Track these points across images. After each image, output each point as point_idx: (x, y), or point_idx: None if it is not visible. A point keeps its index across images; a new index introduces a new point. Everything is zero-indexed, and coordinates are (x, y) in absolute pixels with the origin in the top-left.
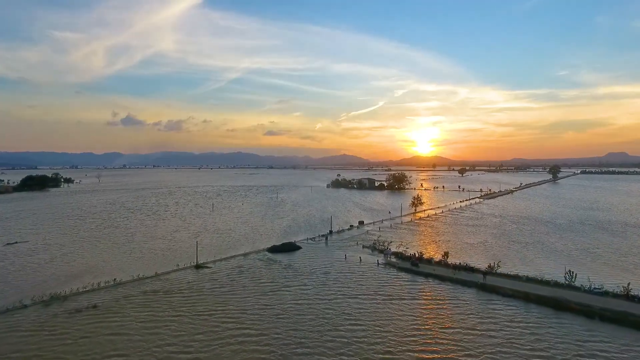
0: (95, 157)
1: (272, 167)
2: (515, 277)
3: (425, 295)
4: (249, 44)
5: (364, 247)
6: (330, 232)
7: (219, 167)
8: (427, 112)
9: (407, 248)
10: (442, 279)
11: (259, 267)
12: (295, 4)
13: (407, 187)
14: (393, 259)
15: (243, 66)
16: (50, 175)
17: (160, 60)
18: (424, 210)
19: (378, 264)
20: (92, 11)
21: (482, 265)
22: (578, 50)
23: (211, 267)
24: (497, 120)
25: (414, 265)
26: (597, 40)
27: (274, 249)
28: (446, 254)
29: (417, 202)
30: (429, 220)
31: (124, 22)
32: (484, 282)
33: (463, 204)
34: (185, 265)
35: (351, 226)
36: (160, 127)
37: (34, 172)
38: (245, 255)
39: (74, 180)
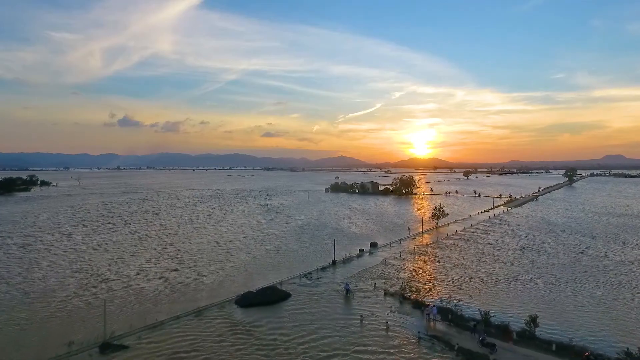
0: (92, 158)
1: (268, 169)
2: None
3: None
4: (247, 45)
5: (386, 293)
6: (334, 262)
7: (215, 169)
8: (425, 114)
9: (459, 301)
10: None
11: (216, 345)
12: (293, 6)
13: (415, 191)
14: (441, 326)
15: (241, 68)
16: (25, 178)
17: (157, 61)
18: (448, 224)
19: (419, 338)
20: (90, 12)
21: (605, 345)
22: (574, 53)
23: (128, 348)
24: (494, 123)
25: (486, 346)
26: (593, 44)
27: (247, 300)
28: (533, 320)
29: (439, 213)
30: (459, 239)
31: (122, 24)
32: None
33: (490, 214)
34: (86, 344)
35: (361, 250)
36: (158, 129)
37: (24, 174)
38: (198, 313)
39: (50, 183)
